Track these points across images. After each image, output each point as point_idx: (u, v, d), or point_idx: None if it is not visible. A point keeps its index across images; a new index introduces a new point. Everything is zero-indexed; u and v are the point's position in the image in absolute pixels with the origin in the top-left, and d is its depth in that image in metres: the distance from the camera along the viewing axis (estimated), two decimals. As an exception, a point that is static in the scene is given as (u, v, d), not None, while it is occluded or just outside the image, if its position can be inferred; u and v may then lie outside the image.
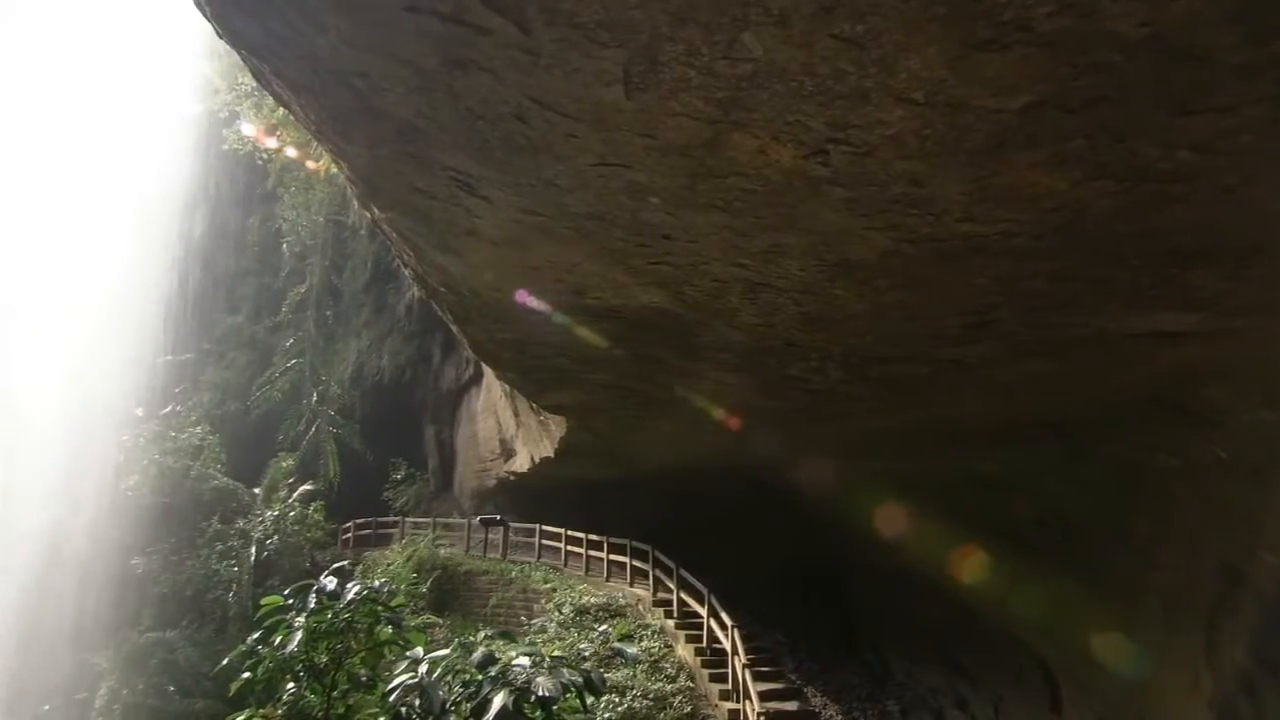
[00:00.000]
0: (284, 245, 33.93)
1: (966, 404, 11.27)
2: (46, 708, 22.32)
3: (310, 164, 30.10)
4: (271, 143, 29.93)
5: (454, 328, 13.50)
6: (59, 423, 26.19)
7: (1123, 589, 11.17)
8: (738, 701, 14.34)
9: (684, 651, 16.58)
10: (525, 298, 9.82)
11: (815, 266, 7.37)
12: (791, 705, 15.05)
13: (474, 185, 7.04)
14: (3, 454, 26.16)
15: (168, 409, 29.80)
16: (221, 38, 7.01)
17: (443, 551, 24.18)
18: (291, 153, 29.68)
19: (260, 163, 31.44)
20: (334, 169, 26.14)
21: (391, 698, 4.29)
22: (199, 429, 29.01)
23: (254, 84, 28.48)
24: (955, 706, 17.81)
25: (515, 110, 5.49)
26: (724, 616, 15.75)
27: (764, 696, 14.03)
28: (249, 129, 30.23)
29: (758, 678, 14.52)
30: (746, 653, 14.75)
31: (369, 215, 11.41)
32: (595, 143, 5.72)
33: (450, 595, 22.21)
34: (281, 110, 27.65)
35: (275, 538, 25.51)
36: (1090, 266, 6.73)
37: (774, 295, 8.22)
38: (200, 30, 26.26)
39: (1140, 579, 10.90)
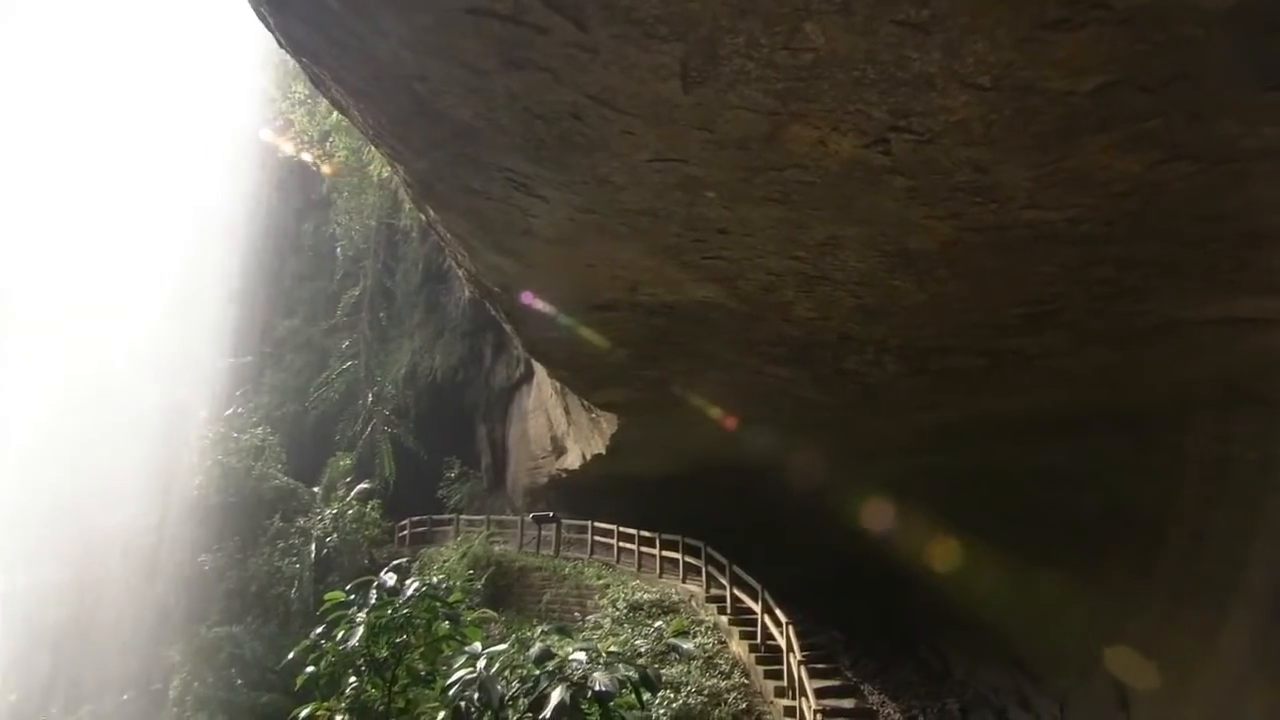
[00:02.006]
0: (338, 249, 34.66)
1: (1028, 396, 11.00)
2: (125, 697, 23.23)
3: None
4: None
5: (507, 327, 13.63)
6: (129, 425, 27.20)
7: (1203, 586, 10.76)
8: (794, 699, 14.22)
9: (738, 648, 16.50)
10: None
11: (874, 258, 7.28)
12: (848, 703, 14.87)
13: (529, 185, 7.10)
14: (78, 456, 27.23)
15: (230, 411, 30.69)
16: (282, 47, 7.18)
17: (497, 548, 24.47)
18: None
19: (314, 169, 32.19)
20: (385, 173, 26.64)
21: (451, 692, 4.34)
22: (260, 430, 29.81)
23: (306, 92, 29.22)
24: (1018, 705, 17.39)
25: (572, 108, 5.52)
26: (778, 613, 15.62)
27: (820, 694, 13.89)
28: (287, 146, 30.97)
29: (814, 675, 14.37)
30: (802, 649, 14.61)
31: (423, 217, 11.61)
32: (652, 138, 5.72)
33: (505, 591, 22.47)
34: (334, 116, 28.31)
35: (334, 535, 26.11)
36: (1163, 251, 6.51)
37: (830, 288, 8.13)
38: (256, 41, 27.02)
39: (1224, 577, 10.49)
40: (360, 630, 4.92)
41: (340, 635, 5.00)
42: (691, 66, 4.83)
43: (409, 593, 5.08)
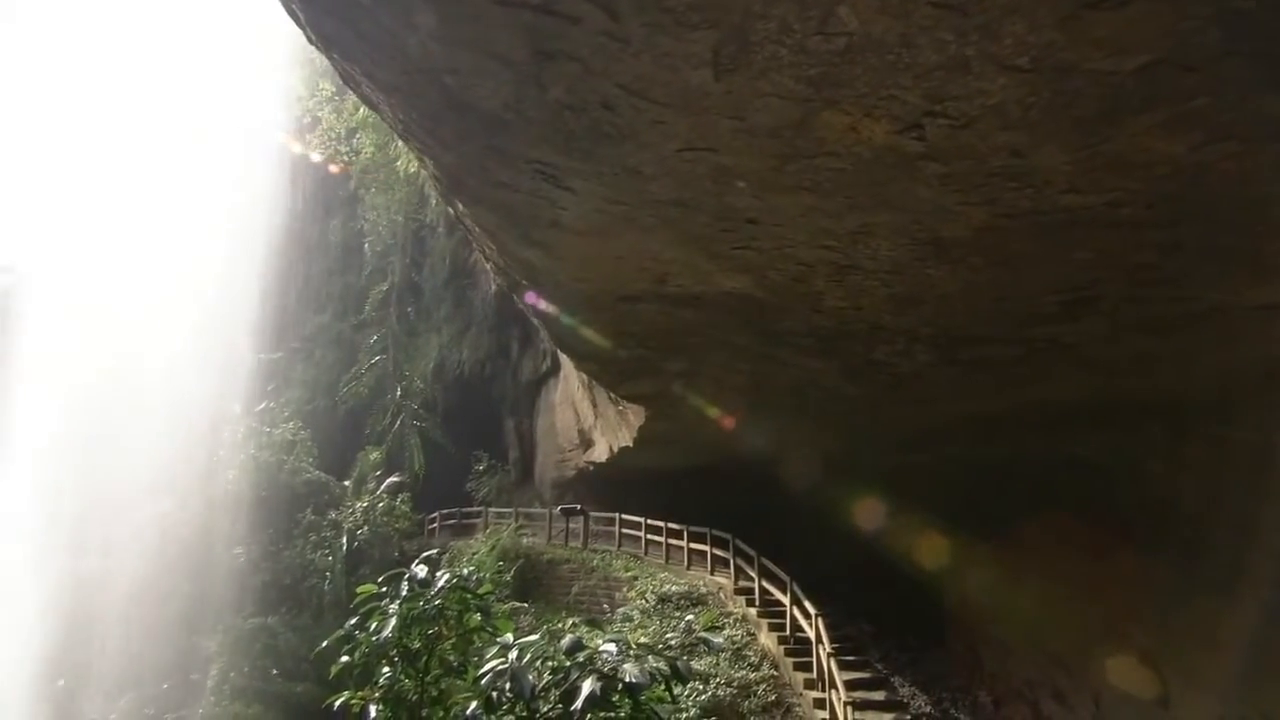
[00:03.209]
0: (366, 245, 35.01)
1: (1062, 385, 10.82)
2: (165, 686, 23.73)
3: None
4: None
5: (535, 321, 13.68)
6: (165, 420, 27.70)
7: (1250, 580, 10.52)
8: (823, 690, 14.17)
9: (767, 640, 16.48)
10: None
11: (906, 246, 7.18)
12: (879, 695, 14.80)
13: (558, 177, 7.10)
14: (115, 451, 27.79)
15: (261, 406, 31.18)
16: (312, 43, 7.24)
17: (525, 541, 24.64)
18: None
19: (342, 165, 32.47)
20: (412, 168, 26.82)
21: (483, 682, 4.35)
22: (291, 424, 30.24)
23: (333, 89, 29.48)
24: (1052, 698, 17.18)
25: (603, 99, 5.50)
26: (807, 605, 15.57)
27: (850, 686, 13.81)
28: (315, 143, 31.25)
29: (843, 667, 14.31)
30: (831, 641, 14.55)
31: (451, 212, 11.66)
32: (682, 127, 5.68)
33: (533, 583, 22.61)
34: (360, 113, 28.55)
35: (365, 528, 26.46)
36: (1207, 235, 6.35)
37: (861, 277, 8.04)
38: (284, 40, 27.30)
39: (1272, 571, 10.24)
40: (393, 621, 4.96)
41: (373, 626, 5.04)
42: (723, 54, 4.79)
43: (440, 585, 5.10)
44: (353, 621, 5.23)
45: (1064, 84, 4.57)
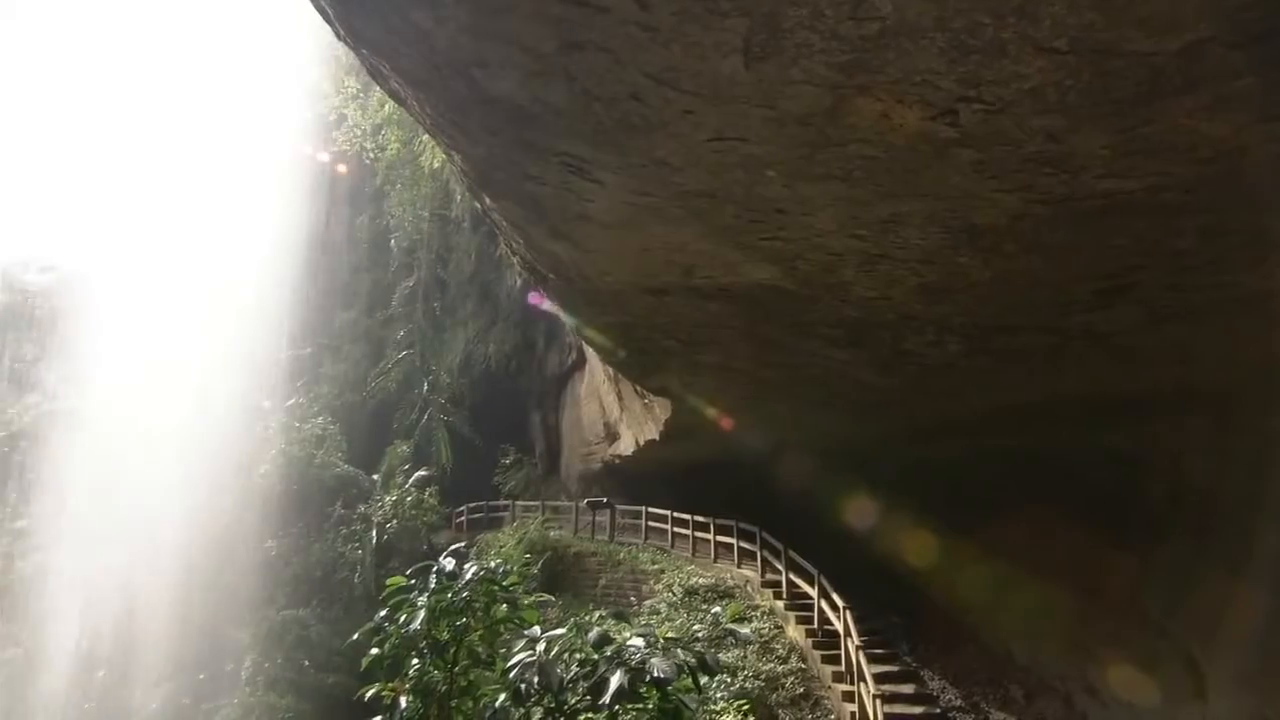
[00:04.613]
0: (392, 241, 35.29)
1: (1096, 375, 10.65)
2: (201, 677, 24.20)
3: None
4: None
5: (561, 313, 13.69)
6: (198, 415, 28.15)
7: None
8: (852, 684, 14.09)
9: (795, 633, 16.42)
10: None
11: (938, 234, 7.10)
12: (908, 688, 14.70)
13: (586, 169, 7.10)
14: (150, 447, 28.30)
15: (291, 401, 31.57)
16: (342, 39, 7.29)
17: (552, 534, 24.75)
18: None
19: (368, 162, 32.74)
20: (437, 163, 26.94)
21: (512, 674, 4.37)
22: (320, 419, 30.58)
23: (359, 87, 29.68)
24: (1084, 692, 16.96)
25: (632, 89, 5.48)
26: (835, 598, 15.49)
27: (879, 679, 13.72)
28: (341, 140, 31.52)
29: (872, 660, 14.22)
30: (860, 634, 14.47)
31: (478, 206, 11.71)
32: (712, 117, 5.65)
33: (560, 576, 22.71)
34: (385, 110, 28.73)
35: (394, 522, 26.74)
36: (1248, 220, 6.21)
37: (892, 266, 7.97)
38: (310, 38, 27.53)
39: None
40: (422, 614, 4.98)
41: (403, 619, 5.07)
42: (754, 42, 4.75)
43: (468, 577, 5.12)
44: (382, 614, 5.27)
45: (1103, 66, 4.48)
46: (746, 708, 13.51)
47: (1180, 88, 4.57)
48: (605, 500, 24.78)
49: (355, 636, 5.43)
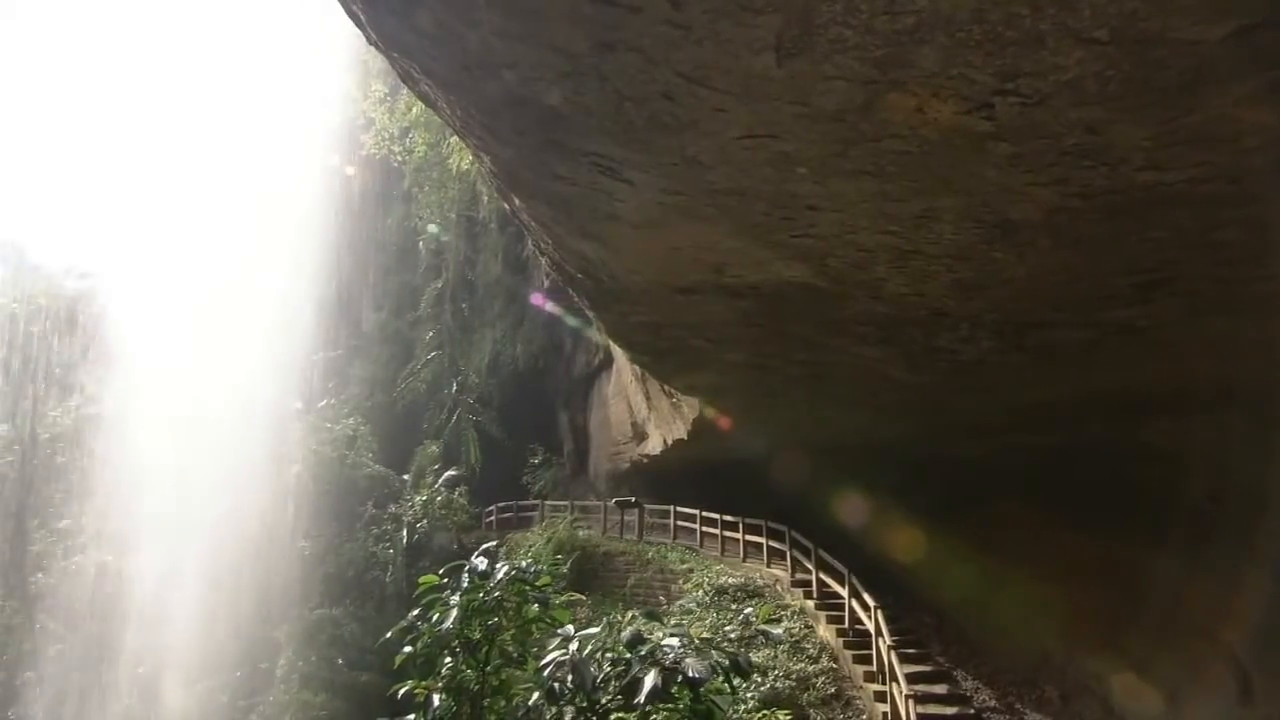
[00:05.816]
0: (420, 243, 35.60)
1: (1133, 371, 10.45)
2: (238, 674, 24.62)
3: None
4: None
5: (589, 313, 13.73)
6: (232, 418, 28.62)
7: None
8: (884, 684, 13.99)
9: (825, 633, 16.33)
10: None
11: (972, 229, 7.01)
12: (941, 688, 14.55)
13: (616, 169, 7.10)
14: (186, 449, 28.82)
15: (322, 403, 32.00)
16: (372, 42, 7.36)
17: (581, 533, 24.84)
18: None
19: (396, 165, 33.06)
20: (464, 165, 27.12)
21: (545, 673, 4.38)
22: (351, 420, 30.99)
23: (386, 90, 29.95)
24: (1122, 693, 16.67)
25: (663, 88, 5.48)
26: (866, 597, 15.38)
27: (911, 679, 13.61)
28: (369, 143, 31.86)
29: (904, 660, 14.11)
30: (891, 634, 14.35)
31: (506, 207, 11.77)
32: (743, 115, 5.63)
33: (590, 575, 22.78)
34: (413, 112, 28.97)
35: (424, 521, 27.01)
36: (1295, 211, 6.06)
37: (924, 262, 7.88)
38: (338, 42, 27.85)
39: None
40: (454, 612, 4.99)
41: (435, 617, 5.09)
42: (787, 38, 4.73)
43: (499, 576, 5.13)
44: (415, 612, 5.30)
45: (1146, 55, 4.39)
46: (784, 716, 13.44)
47: (1225, 76, 4.47)
48: (633, 499, 24.81)
49: (388, 635, 5.48)
